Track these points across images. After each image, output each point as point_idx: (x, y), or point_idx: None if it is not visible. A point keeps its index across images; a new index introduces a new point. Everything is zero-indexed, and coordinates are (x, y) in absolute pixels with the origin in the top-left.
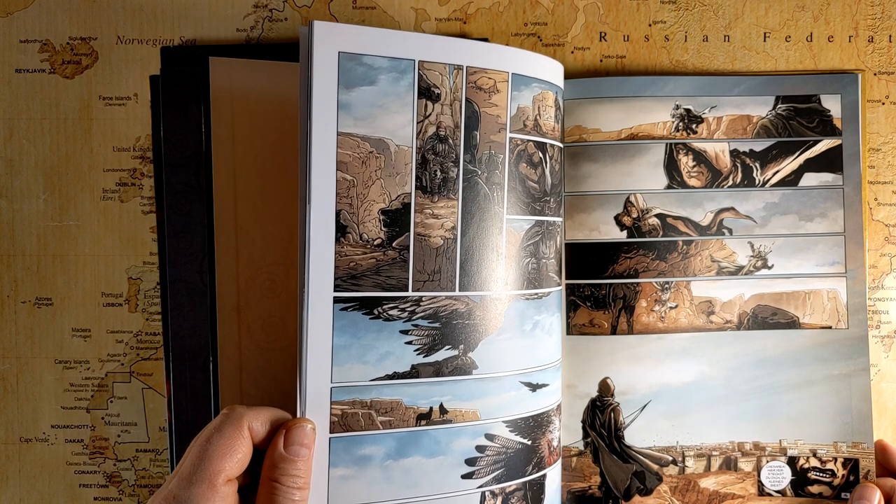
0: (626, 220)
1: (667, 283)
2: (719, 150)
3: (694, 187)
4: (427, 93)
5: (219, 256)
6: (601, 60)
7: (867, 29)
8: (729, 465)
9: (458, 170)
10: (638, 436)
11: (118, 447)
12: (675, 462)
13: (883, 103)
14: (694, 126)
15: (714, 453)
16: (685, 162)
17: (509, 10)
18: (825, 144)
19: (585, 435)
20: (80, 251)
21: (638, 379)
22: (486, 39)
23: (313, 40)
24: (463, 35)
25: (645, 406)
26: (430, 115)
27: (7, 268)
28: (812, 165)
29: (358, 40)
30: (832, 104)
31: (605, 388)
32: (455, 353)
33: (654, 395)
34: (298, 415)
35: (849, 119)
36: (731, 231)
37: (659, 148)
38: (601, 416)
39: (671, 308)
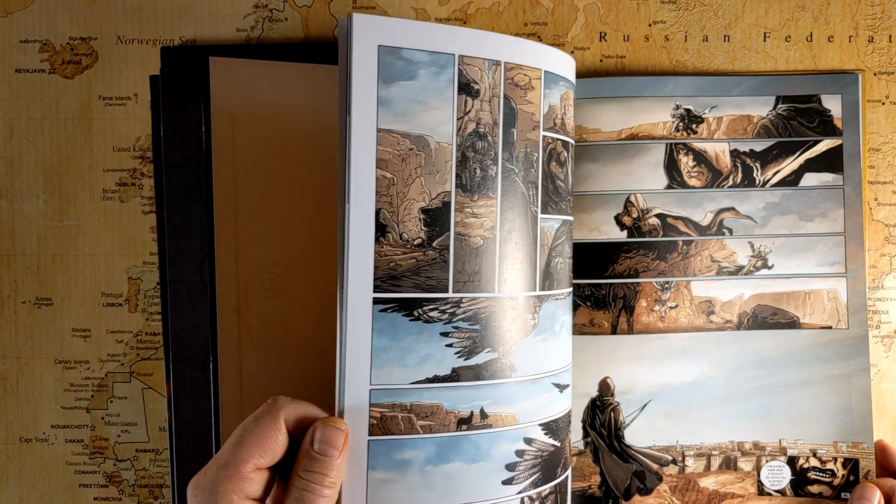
0: (627, 220)
1: (667, 282)
2: (719, 150)
3: (694, 187)
4: (467, 88)
5: (219, 256)
6: (601, 60)
7: (867, 29)
8: (729, 464)
9: (497, 168)
10: (638, 435)
11: (118, 447)
12: (674, 462)
13: (883, 103)
14: (694, 126)
15: (714, 453)
16: (685, 162)
17: (509, 9)
18: (825, 144)
19: (585, 435)
20: (80, 251)
21: (638, 379)
22: None
23: (353, 33)
24: None
25: (645, 406)
26: (469, 111)
27: (7, 268)
28: (812, 165)
29: (398, 33)
30: (833, 104)
31: (605, 388)
32: (495, 355)
33: (654, 394)
34: (336, 415)
35: (849, 119)
36: (731, 231)
37: (659, 148)
38: (601, 416)
39: (671, 308)
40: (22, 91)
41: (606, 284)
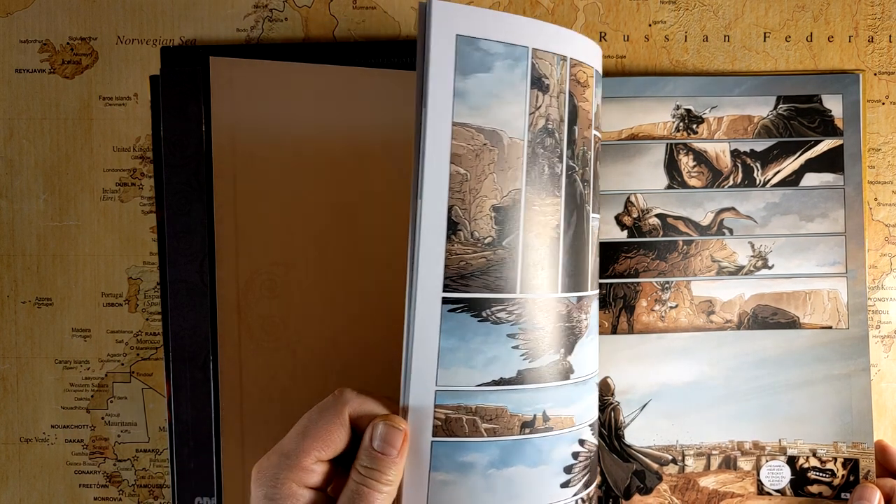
0: (627, 220)
1: (667, 282)
2: (720, 151)
3: (694, 187)
4: (538, 83)
5: (219, 256)
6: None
7: (867, 29)
8: (728, 464)
9: (562, 166)
10: (638, 435)
11: (118, 447)
12: (674, 461)
13: (883, 103)
14: (694, 126)
15: (714, 452)
16: (685, 162)
17: (509, 9)
18: (826, 144)
19: None
20: (80, 251)
21: (638, 378)
22: None
23: (431, 21)
24: None
25: (645, 405)
26: (540, 106)
27: (7, 268)
28: (813, 165)
29: (476, 23)
30: (833, 104)
31: (605, 388)
32: (557, 357)
33: (655, 394)
34: (400, 415)
35: (850, 119)
36: (731, 231)
37: (659, 148)
38: (601, 416)
39: (671, 308)
40: (22, 91)
41: (607, 284)
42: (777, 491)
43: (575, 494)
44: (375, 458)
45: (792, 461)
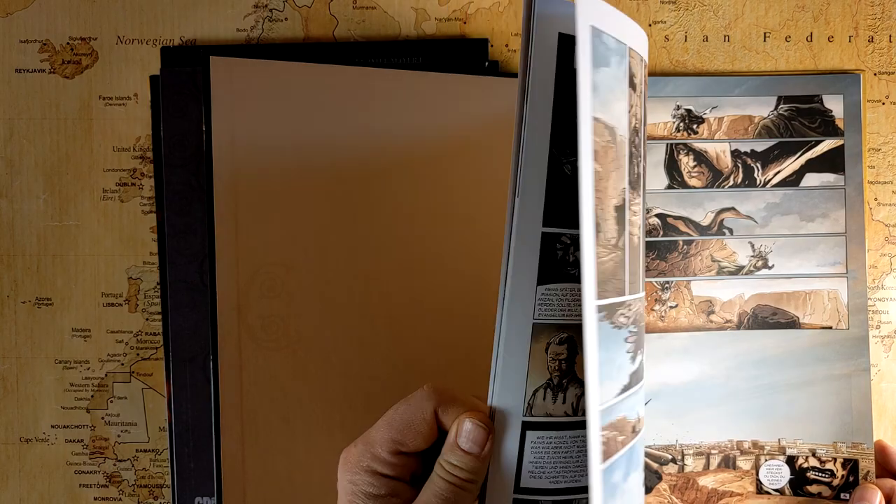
0: None
1: (667, 282)
2: (720, 151)
3: (694, 187)
4: (632, 82)
5: (219, 256)
6: None
7: (867, 29)
8: (727, 463)
9: (643, 165)
10: None
11: (118, 447)
12: (674, 460)
13: (883, 103)
14: (695, 126)
15: (713, 452)
16: (686, 162)
17: (509, 10)
18: (827, 145)
19: None
20: (80, 251)
21: None
22: (486, 40)
23: (578, 9)
24: (462, 36)
25: (645, 405)
26: (633, 105)
27: (7, 268)
28: (814, 166)
29: (603, 16)
30: (834, 104)
31: None
32: (642, 357)
33: (654, 393)
34: (489, 415)
35: (851, 119)
36: (731, 231)
37: (659, 148)
38: None
39: (671, 307)
40: (22, 91)
41: None
42: (776, 490)
43: (646, 494)
44: (460, 455)
45: (791, 461)
